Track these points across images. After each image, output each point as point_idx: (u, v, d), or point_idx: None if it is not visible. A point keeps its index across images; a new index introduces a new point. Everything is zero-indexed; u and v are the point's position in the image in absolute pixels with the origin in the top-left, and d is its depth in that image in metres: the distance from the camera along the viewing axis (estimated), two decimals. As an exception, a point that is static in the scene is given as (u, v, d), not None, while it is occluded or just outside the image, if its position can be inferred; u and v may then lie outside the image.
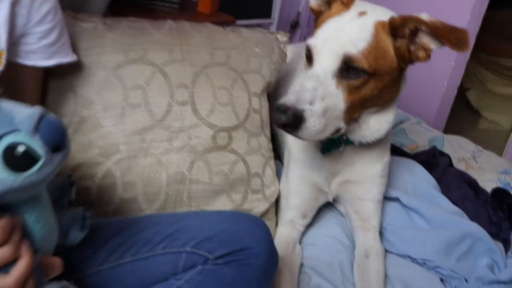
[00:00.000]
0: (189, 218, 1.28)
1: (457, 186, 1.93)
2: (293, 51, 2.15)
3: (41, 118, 0.85)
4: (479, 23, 3.00)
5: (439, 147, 2.28)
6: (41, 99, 1.40)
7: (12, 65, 1.20)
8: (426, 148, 2.27)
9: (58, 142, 0.88)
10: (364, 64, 1.27)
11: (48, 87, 1.43)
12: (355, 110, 1.36)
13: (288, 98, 1.24)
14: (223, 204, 1.54)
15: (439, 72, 3.11)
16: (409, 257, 1.59)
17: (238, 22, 2.97)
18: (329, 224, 1.70)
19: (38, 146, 0.83)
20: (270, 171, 1.66)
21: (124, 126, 1.44)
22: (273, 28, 3.61)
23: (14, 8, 1.14)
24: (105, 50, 1.47)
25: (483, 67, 4.23)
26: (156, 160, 1.46)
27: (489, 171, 2.22)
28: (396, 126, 2.48)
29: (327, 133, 1.31)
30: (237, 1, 3.25)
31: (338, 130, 1.35)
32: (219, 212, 1.34)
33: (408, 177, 1.82)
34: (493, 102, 4.31)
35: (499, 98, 4.26)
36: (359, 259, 1.55)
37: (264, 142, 1.67)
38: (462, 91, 4.40)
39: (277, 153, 1.84)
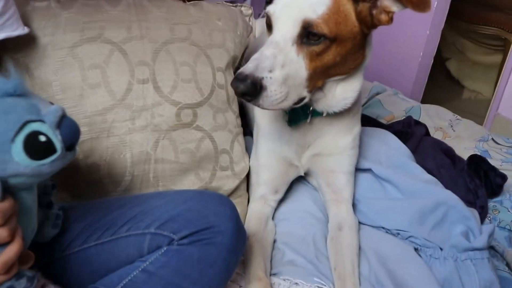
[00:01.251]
0: (153, 199, 1.26)
1: (433, 155, 1.91)
2: (262, 25, 2.11)
3: (63, 116, 0.95)
4: (454, -11, 2.97)
5: (416, 117, 2.28)
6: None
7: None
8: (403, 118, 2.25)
9: (73, 141, 0.97)
10: (324, 29, 1.24)
11: (3, 70, 1.39)
12: (318, 78, 1.33)
13: (247, 66, 1.22)
14: (191, 182, 1.52)
15: (414, 41, 3.09)
16: (383, 228, 1.58)
17: (211, -1, 2.92)
18: (302, 198, 1.68)
19: (57, 140, 0.92)
20: (238, 147, 1.63)
21: (84, 107, 1.41)
22: (247, 3, 3.56)
23: None
24: (59, 30, 1.43)
25: (461, 36, 4.20)
26: (119, 140, 1.43)
27: (466, 139, 2.23)
28: (372, 97, 2.47)
29: (289, 102, 1.28)
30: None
31: (301, 99, 1.33)
32: (184, 192, 1.32)
33: (381, 148, 1.80)
34: (474, 71, 4.29)
35: (479, 67, 4.24)
36: (333, 232, 1.53)
37: (232, 117, 1.64)
38: (443, 61, 4.39)
39: (249, 129, 1.81)
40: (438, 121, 2.37)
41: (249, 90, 1.20)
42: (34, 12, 1.42)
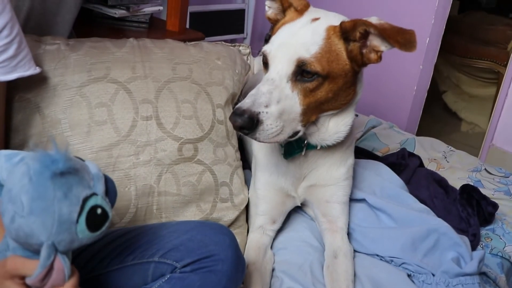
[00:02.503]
0: (156, 229, 1.31)
1: (427, 185, 1.96)
2: (260, 63, 2.19)
3: (105, 179, 0.98)
4: (444, 26, 3.08)
5: (410, 149, 2.32)
6: (6, 117, 1.42)
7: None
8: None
9: (115, 201, 1.02)
10: (317, 67, 1.32)
11: (14, 109, 1.45)
12: (312, 113, 1.40)
13: (245, 102, 1.29)
14: (192, 214, 1.57)
15: (408, 76, 3.17)
16: (377, 255, 1.62)
17: (211, 38, 3.01)
18: (299, 228, 1.73)
19: (109, 208, 0.96)
20: (238, 180, 1.69)
21: (91, 143, 1.47)
22: (247, 42, 3.65)
23: None
24: (68, 71, 1.50)
25: (456, 70, 4.28)
26: (124, 174, 1.49)
27: (460, 170, 2.26)
28: (368, 131, 2.52)
29: (285, 136, 1.35)
30: (208, 18, 3.30)
31: (296, 133, 1.39)
32: (185, 222, 1.38)
33: (375, 179, 1.85)
34: (470, 104, 4.34)
35: (476, 100, 4.29)
36: (328, 260, 1.58)
37: (231, 151, 1.70)
38: (439, 94, 4.45)
39: (248, 163, 1.87)
40: (432, 152, 2.41)
41: (246, 124, 1.27)
42: (45, 55, 1.50)
